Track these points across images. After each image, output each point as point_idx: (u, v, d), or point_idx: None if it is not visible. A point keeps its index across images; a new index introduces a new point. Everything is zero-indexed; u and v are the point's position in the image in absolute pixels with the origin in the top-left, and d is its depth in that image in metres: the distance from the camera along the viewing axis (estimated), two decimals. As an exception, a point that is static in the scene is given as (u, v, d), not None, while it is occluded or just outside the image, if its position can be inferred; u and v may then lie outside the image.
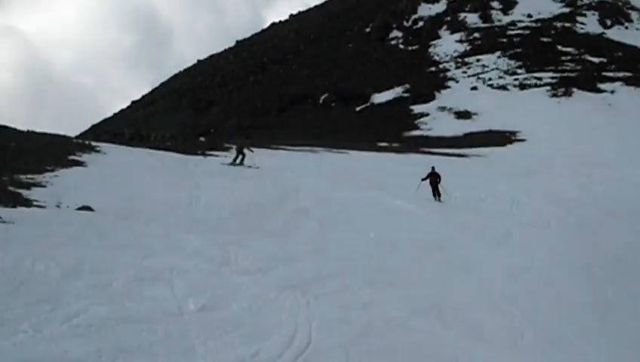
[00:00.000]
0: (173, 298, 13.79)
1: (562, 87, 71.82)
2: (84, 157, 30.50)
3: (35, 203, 21.29)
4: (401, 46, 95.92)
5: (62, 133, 40.45)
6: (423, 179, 29.62)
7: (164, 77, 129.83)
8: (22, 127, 38.16)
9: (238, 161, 32.18)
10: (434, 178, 29.59)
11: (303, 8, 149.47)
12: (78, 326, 11.73)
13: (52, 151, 30.47)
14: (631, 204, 33.65)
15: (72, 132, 66.98)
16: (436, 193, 29.41)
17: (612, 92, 70.21)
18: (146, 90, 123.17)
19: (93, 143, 35.69)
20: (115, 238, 17.65)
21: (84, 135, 73.28)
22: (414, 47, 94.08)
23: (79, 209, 20.90)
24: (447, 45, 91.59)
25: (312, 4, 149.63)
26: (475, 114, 67.31)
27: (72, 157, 29.98)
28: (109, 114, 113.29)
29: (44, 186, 24.12)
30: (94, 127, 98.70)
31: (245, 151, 32.31)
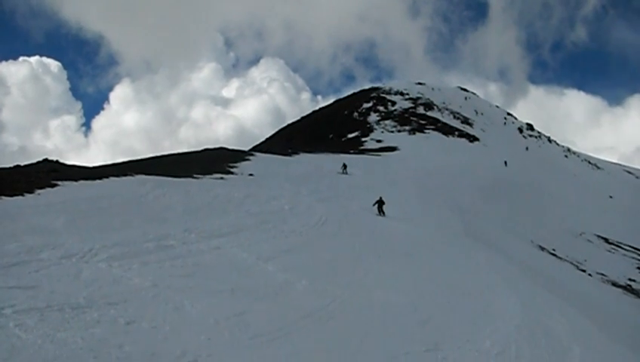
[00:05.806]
0: (283, 204, 22.11)
1: (413, 132, 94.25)
2: (252, 158, 39.60)
3: (234, 173, 30.32)
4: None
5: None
6: (373, 204, 29.45)
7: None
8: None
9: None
10: (381, 203, 29.21)
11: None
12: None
13: (228, 157, 38.34)
14: (442, 171, 51.24)
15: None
16: (381, 211, 29.08)
17: (429, 133, 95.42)
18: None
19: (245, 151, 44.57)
20: (264, 186, 26.01)
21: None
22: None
23: (249, 175, 30.15)
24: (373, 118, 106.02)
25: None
26: (382, 140, 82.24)
27: (246, 156, 39.62)
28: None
29: (237, 167, 33.25)
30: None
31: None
